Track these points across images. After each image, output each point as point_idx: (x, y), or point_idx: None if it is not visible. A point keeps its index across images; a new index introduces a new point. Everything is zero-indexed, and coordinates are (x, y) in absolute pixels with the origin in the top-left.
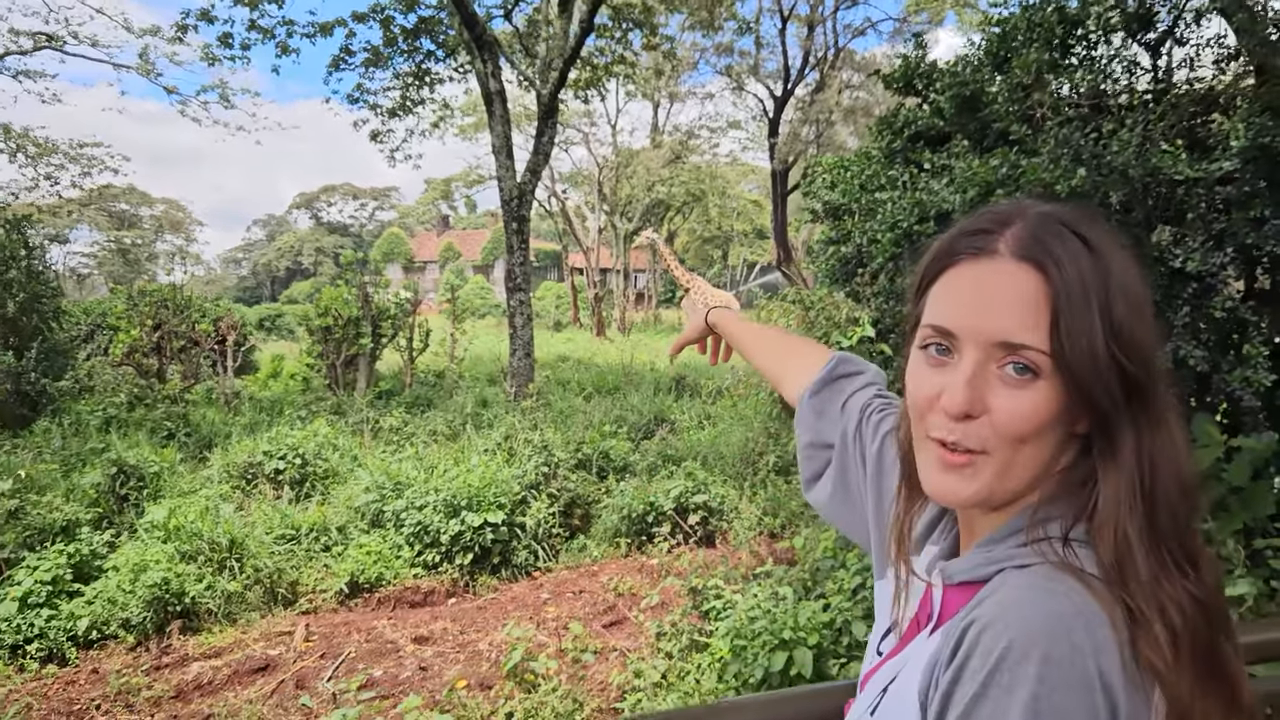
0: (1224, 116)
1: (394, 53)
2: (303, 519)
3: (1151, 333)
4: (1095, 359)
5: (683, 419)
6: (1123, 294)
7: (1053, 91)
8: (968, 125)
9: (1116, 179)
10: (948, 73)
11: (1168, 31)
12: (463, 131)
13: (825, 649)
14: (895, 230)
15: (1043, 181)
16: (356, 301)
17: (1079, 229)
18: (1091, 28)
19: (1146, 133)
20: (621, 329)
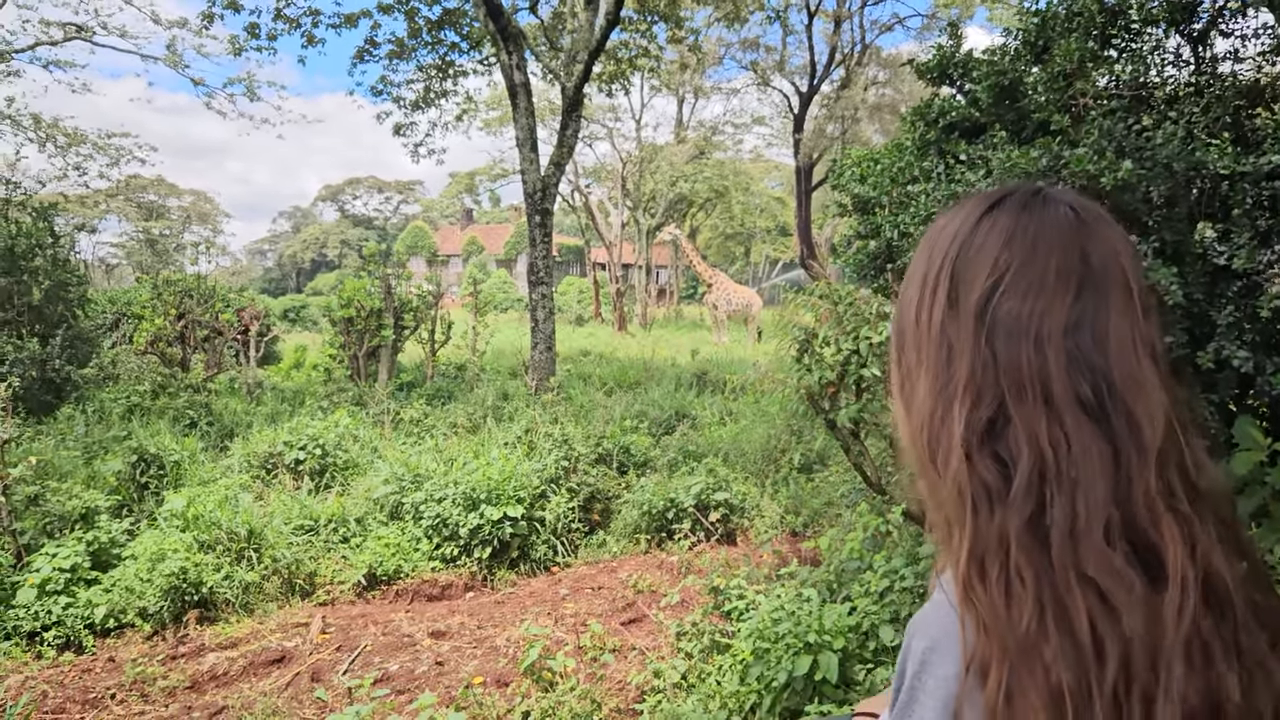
0: (1270, 110)
1: (418, 44)
2: (321, 510)
3: (912, 310)
4: (895, 310)
5: (704, 415)
6: (907, 274)
7: (1094, 81)
8: (1005, 115)
9: (1160, 172)
10: (985, 62)
11: (1211, 22)
12: (487, 125)
13: (851, 653)
14: (929, 223)
15: (1087, 173)
16: (379, 293)
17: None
18: (1133, 18)
19: (1190, 126)
20: (643, 324)
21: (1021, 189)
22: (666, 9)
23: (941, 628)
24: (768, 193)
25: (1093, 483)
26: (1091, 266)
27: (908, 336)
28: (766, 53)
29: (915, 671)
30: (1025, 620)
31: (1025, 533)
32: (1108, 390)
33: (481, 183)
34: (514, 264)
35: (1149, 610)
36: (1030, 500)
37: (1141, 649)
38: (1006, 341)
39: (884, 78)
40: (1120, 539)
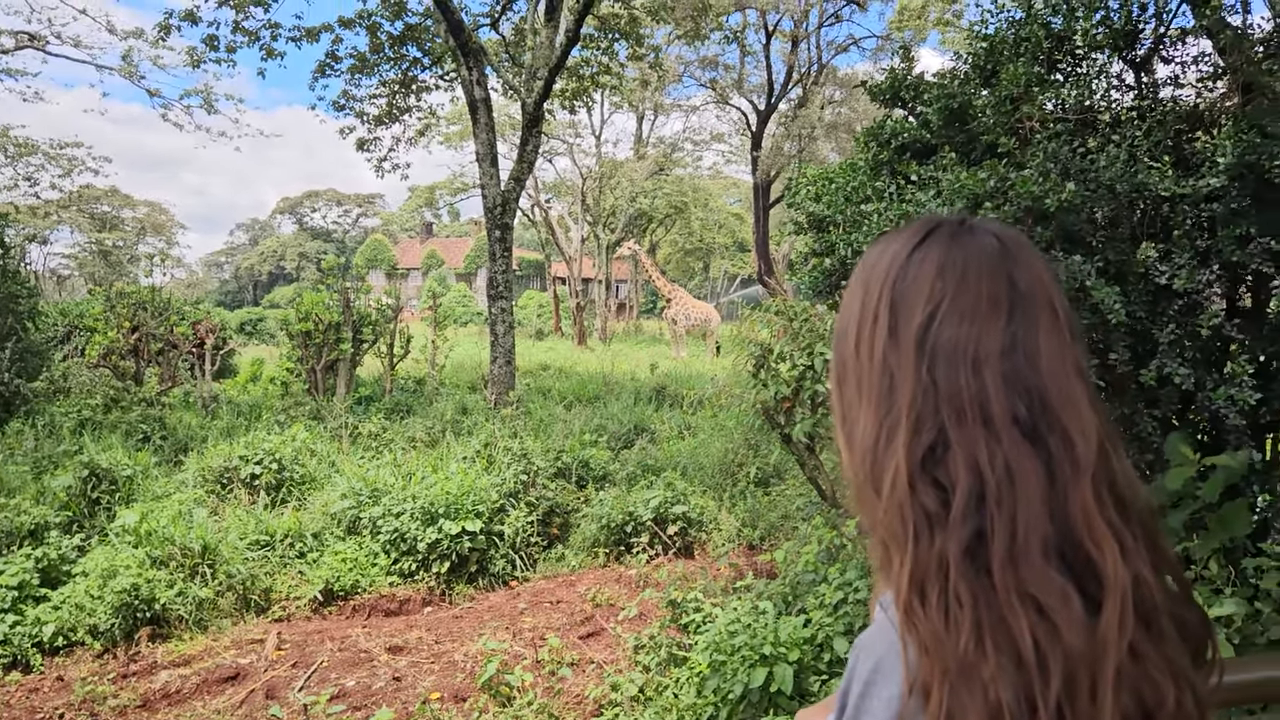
0: (1210, 134)
1: (381, 60)
2: (278, 525)
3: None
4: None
5: (663, 429)
6: (842, 304)
7: (1041, 105)
8: (955, 138)
9: (1104, 194)
10: (935, 85)
11: (1153, 49)
12: (447, 140)
13: (806, 665)
14: None
15: (1032, 195)
16: (338, 307)
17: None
18: (1078, 43)
19: (1133, 149)
20: (603, 338)
21: (948, 221)
22: (627, 27)
23: (885, 649)
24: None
25: (1030, 500)
26: (1019, 291)
27: (848, 369)
28: (725, 71)
29: (860, 692)
30: (964, 641)
31: (964, 556)
32: (1042, 409)
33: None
34: (474, 278)
35: (1088, 624)
36: (969, 523)
37: (1083, 663)
38: (946, 368)
39: (840, 97)
40: (1057, 555)
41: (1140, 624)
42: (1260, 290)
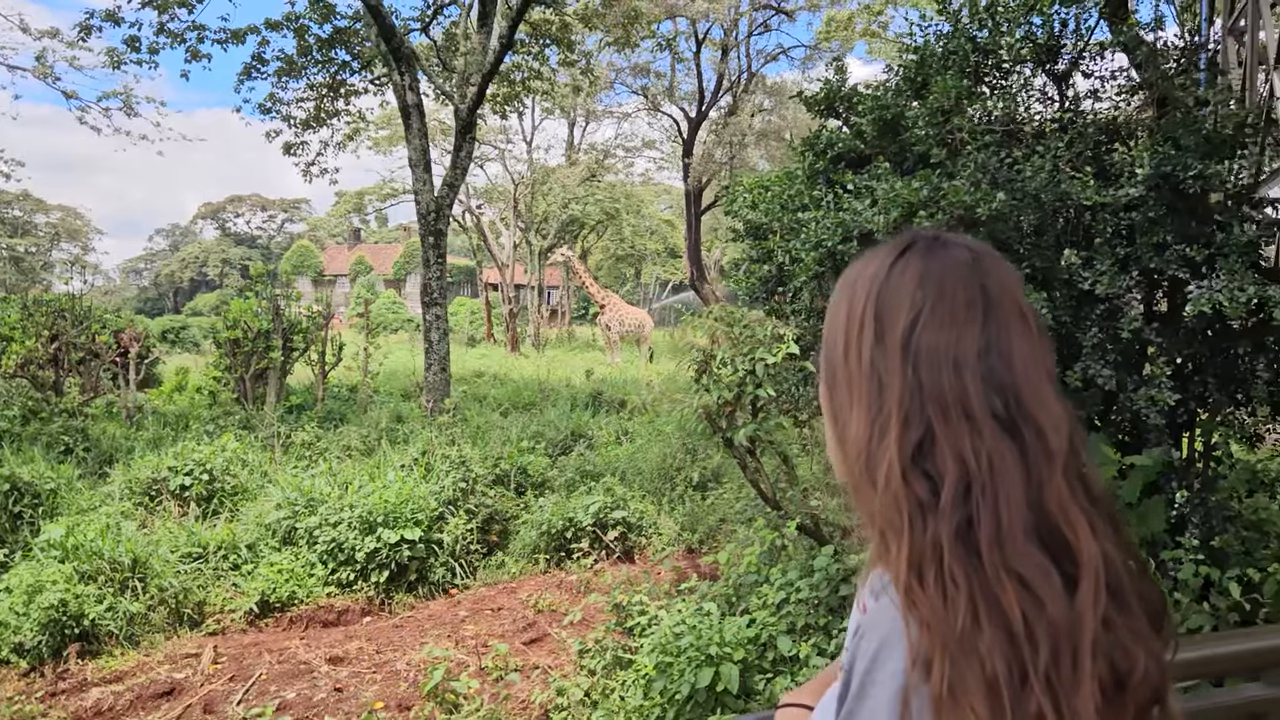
0: (1128, 145)
1: (308, 63)
2: (210, 537)
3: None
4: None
5: (601, 435)
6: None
7: (970, 117)
8: (888, 148)
9: (1030, 203)
10: (869, 97)
11: (1073, 64)
12: (376, 144)
13: (751, 664)
14: (819, 249)
15: (964, 204)
16: (267, 314)
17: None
18: (1004, 57)
19: (1056, 160)
20: (536, 345)
21: (923, 236)
22: (558, 33)
23: (889, 628)
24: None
25: (1011, 488)
26: (991, 298)
27: (838, 374)
28: (656, 78)
29: (866, 668)
30: (961, 618)
31: (955, 539)
32: (1017, 405)
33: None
34: (403, 284)
35: (1066, 599)
36: (958, 510)
37: (1065, 633)
38: (929, 369)
39: (769, 105)
40: (1036, 536)
41: (1110, 597)
42: (1176, 295)
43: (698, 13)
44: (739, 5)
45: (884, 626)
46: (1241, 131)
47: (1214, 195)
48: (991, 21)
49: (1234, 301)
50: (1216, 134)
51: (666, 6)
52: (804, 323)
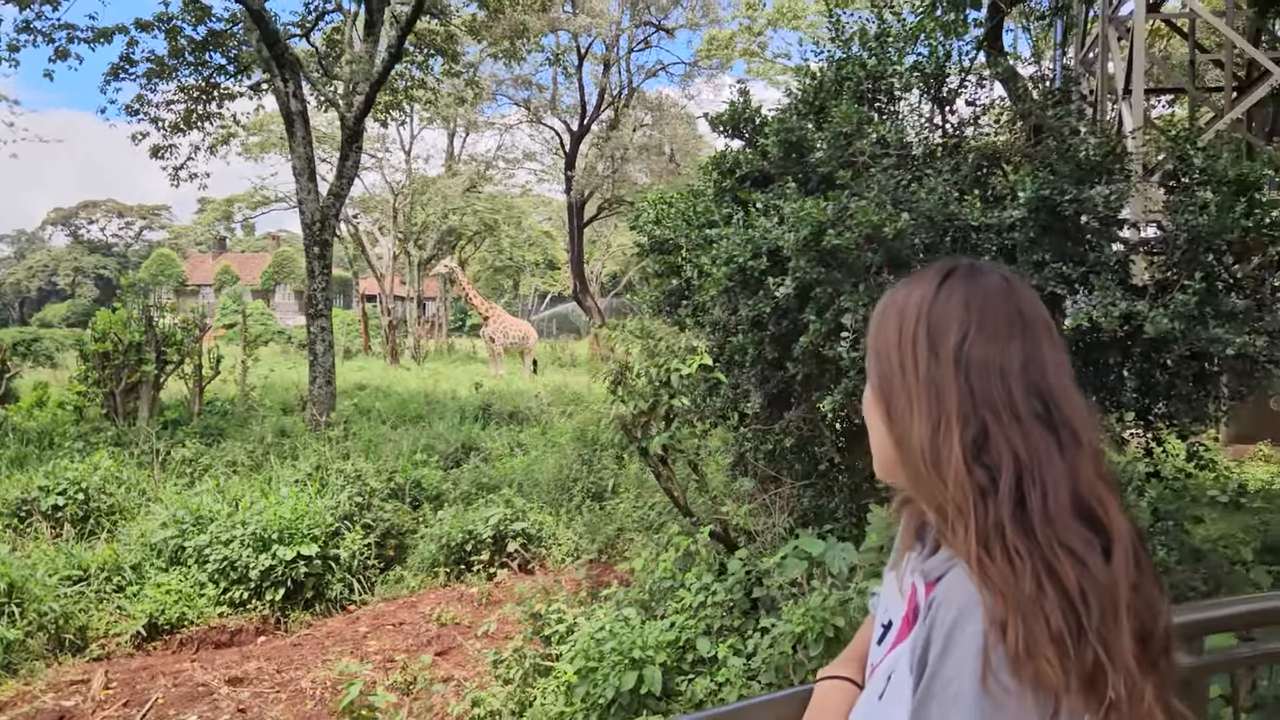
0: (1005, 171)
1: (181, 64)
2: (92, 558)
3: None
4: (874, 352)
5: (494, 446)
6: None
7: (871, 140)
8: (792, 169)
9: (924, 223)
10: (775, 120)
11: (956, 92)
12: (247, 150)
13: (672, 666)
14: (730, 265)
15: (871, 224)
16: (139, 326)
17: (915, 280)
18: (894, 84)
19: (945, 183)
20: (416, 357)
21: (961, 265)
22: (443, 43)
23: (965, 598)
24: (537, 227)
25: (1056, 475)
26: (1025, 317)
27: (895, 384)
28: (539, 91)
29: (946, 634)
30: (1028, 584)
31: (1014, 519)
32: (1054, 405)
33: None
34: (273, 295)
35: (1106, 565)
36: (1014, 494)
37: (1108, 594)
38: (980, 378)
39: (650, 120)
40: (1077, 514)
41: (1134, 564)
42: (1054, 310)
43: (580, 27)
44: (621, 21)
45: (960, 596)
46: (1109, 158)
47: (1085, 217)
48: (881, 49)
49: (1107, 315)
50: (1088, 160)
51: (549, 20)
52: (712, 335)
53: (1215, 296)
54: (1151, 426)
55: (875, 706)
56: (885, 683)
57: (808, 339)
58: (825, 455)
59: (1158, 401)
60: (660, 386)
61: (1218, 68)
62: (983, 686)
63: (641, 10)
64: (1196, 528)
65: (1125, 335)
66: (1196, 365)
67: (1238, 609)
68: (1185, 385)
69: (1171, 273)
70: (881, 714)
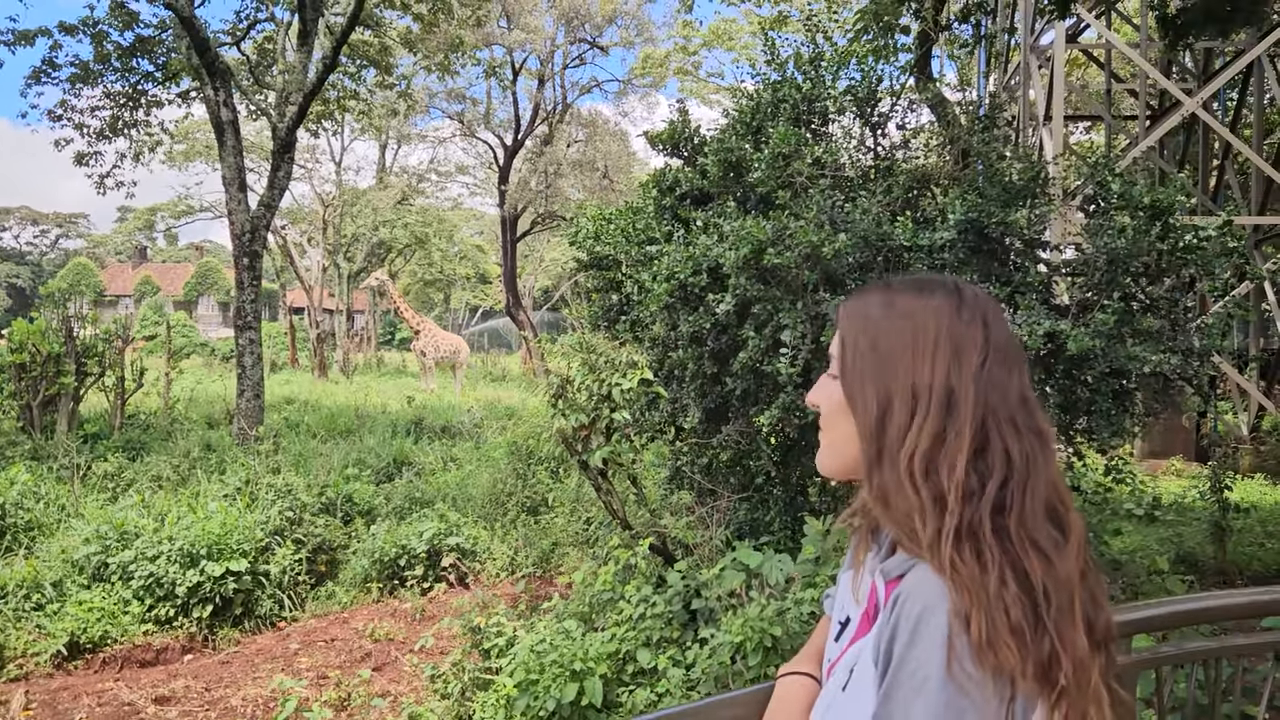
0: (936, 192)
1: (106, 70)
2: (9, 575)
3: (920, 364)
4: (855, 362)
5: (426, 460)
6: (892, 328)
7: (808, 161)
8: (732, 188)
9: (858, 243)
10: (713, 140)
11: (887, 116)
12: (172, 159)
13: (612, 678)
14: (671, 281)
15: (810, 244)
16: (58, 337)
17: (892, 288)
18: (828, 107)
19: (878, 204)
20: (344, 371)
21: (968, 289)
22: (377, 55)
23: (930, 592)
24: (469, 241)
25: (1039, 478)
26: (1016, 344)
27: (894, 389)
28: (473, 104)
29: (912, 627)
30: (993, 581)
31: (991, 520)
32: (1033, 413)
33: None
34: (195, 306)
35: (1069, 560)
36: (996, 496)
37: (1065, 586)
38: (995, 394)
39: (583, 136)
40: (1048, 513)
41: (1084, 557)
42: None
43: (515, 42)
44: (555, 38)
45: (926, 591)
46: (1033, 182)
47: (1010, 239)
48: (815, 73)
49: (1031, 334)
50: (1013, 184)
51: (483, 35)
52: (654, 350)
53: (1133, 316)
54: (1072, 441)
55: (839, 699)
56: (848, 675)
57: (746, 355)
58: (761, 469)
59: (1079, 417)
60: (601, 401)
61: (1132, 97)
62: (947, 673)
63: (576, 27)
64: (1115, 539)
65: (1049, 353)
66: (1116, 382)
67: (1161, 610)
68: (1105, 402)
69: (1092, 293)
70: (846, 705)
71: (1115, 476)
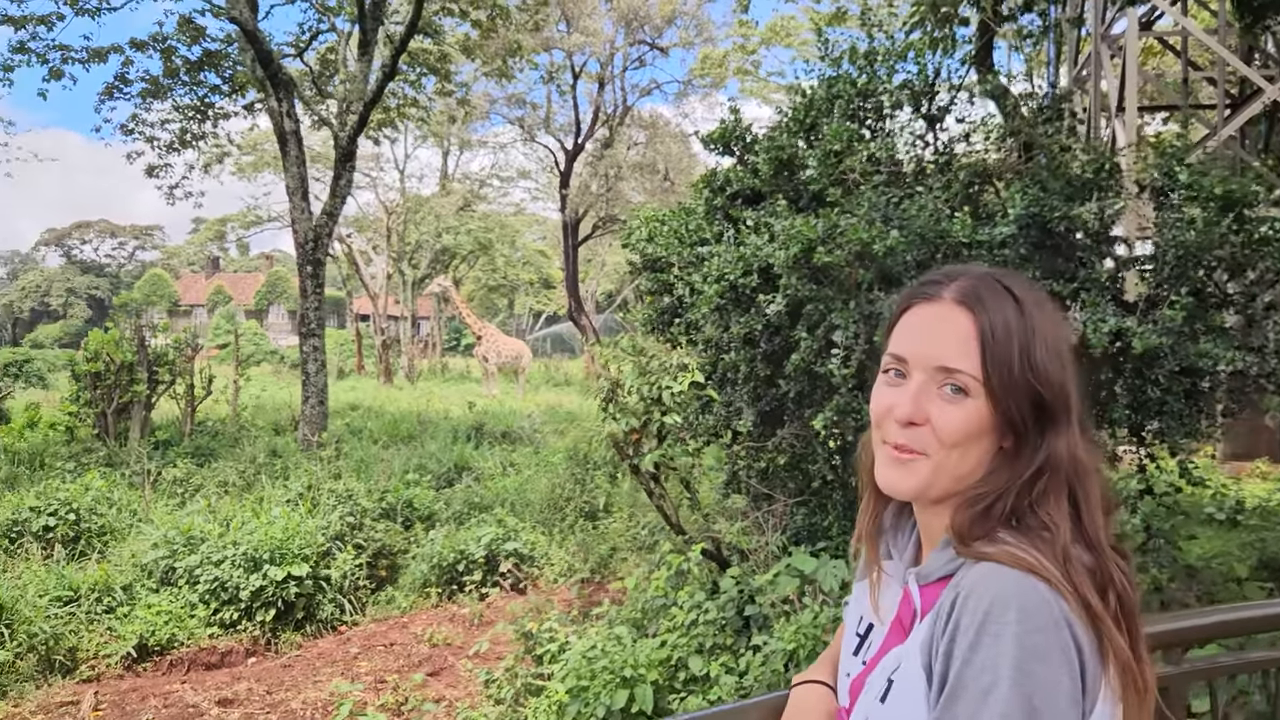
0: (996, 187)
1: (175, 84)
2: (82, 579)
3: (1064, 368)
4: (1013, 384)
5: (486, 466)
6: (1041, 336)
7: (861, 158)
8: (784, 186)
9: (915, 240)
10: (764, 138)
11: (946, 109)
12: (241, 170)
13: (663, 685)
14: (721, 282)
15: (861, 241)
16: (131, 345)
17: (1008, 284)
18: (883, 102)
19: (935, 200)
20: (409, 377)
21: (1033, 284)
22: (436, 63)
23: (1000, 589)
24: (531, 246)
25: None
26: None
27: (1051, 378)
28: (533, 109)
29: (979, 623)
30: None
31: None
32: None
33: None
34: (266, 315)
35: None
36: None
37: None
38: (1075, 388)
39: (643, 139)
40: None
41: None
42: None
43: (574, 46)
44: (615, 40)
45: (992, 588)
46: (1100, 175)
47: (1077, 234)
48: (870, 68)
49: (1097, 332)
50: (1079, 178)
51: (543, 40)
52: (704, 353)
53: (1205, 312)
54: (1145, 443)
55: (877, 710)
56: (886, 685)
57: (799, 356)
58: (818, 473)
59: (1150, 418)
60: (652, 404)
61: (1211, 85)
62: (1019, 675)
63: (636, 29)
64: (1190, 545)
65: (1117, 352)
66: (1187, 381)
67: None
68: (1177, 402)
69: (1160, 289)
70: (886, 717)
71: (1189, 479)
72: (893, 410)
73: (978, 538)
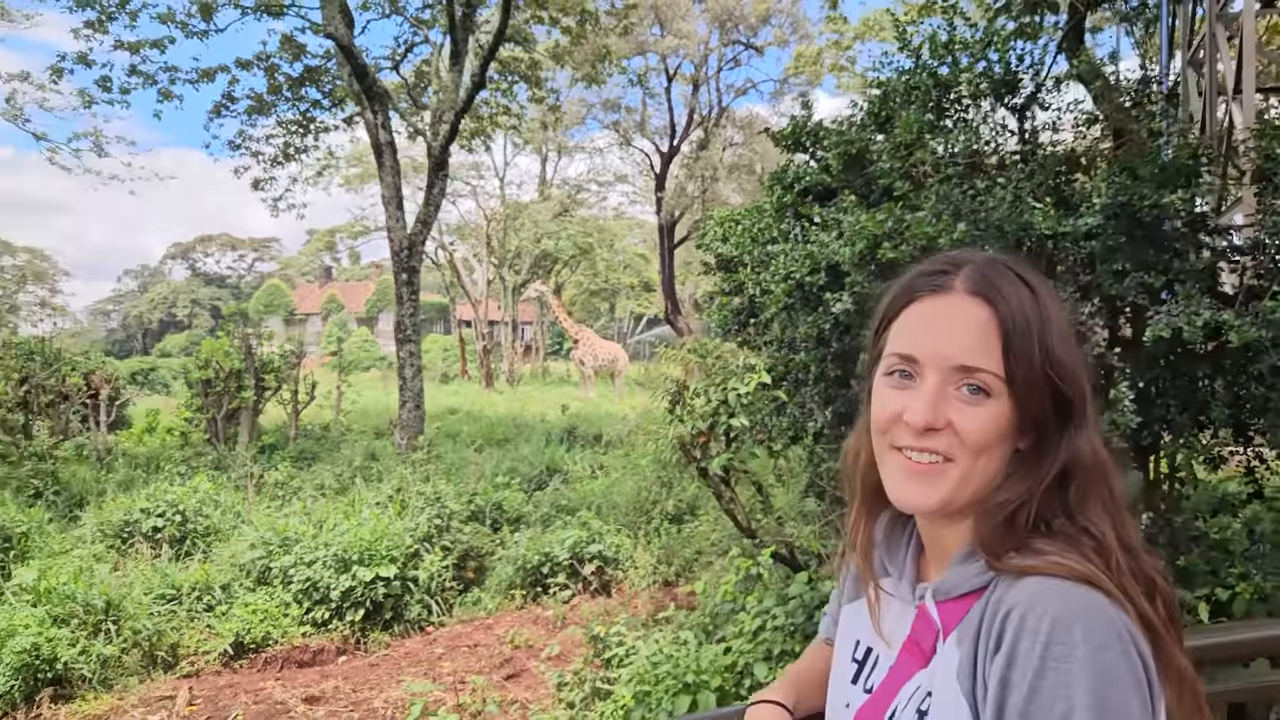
0: (1086, 176)
1: (278, 100)
2: (184, 578)
3: (1079, 359)
4: (1035, 380)
5: (575, 469)
6: (1056, 326)
7: (932, 150)
8: (854, 181)
9: (993, 233)
10: (834, 132)
11: (1032, 96)
12: (347, 182)
13: (727, 692)
14: (788, 281)
15: (926, 235)
16: (239, 353)
17: (1019, 270)
18: (964, 92)
19: (1018, 191)
20: (510, 381)
21: (1019, 259)
22: (528, 70)
23: (1062, 605)
24: (631, 249)
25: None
26: None
27: (1036, 374)
28: (627, 113)
29: (1045, 644)
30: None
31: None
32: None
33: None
34: (376, 322)
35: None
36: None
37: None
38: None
39: (740, 139)
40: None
41: None
42: (1138, 320)
43: (667, 49)
44: (709, 41)
45: (1049, 604)
46: (1197, 161)
47: (1170, 223)
48: (951, 57)
49: (1191, 326)
50: (1172, 164)
51: (637, 43)
52: (775, 353)
53: None
54: (1251, 443)
55: None
56: (917, 718)
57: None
58: None
59: (1254, 417)
60: (719, 406)
61: None
62: (1097, 700)
63: (730, 29)
64: None
65: (1215, 347)
66: None
67: None
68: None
69: (1261, 279)
70: None
71: None
72: (905, 415)
73: (1010, 549)
